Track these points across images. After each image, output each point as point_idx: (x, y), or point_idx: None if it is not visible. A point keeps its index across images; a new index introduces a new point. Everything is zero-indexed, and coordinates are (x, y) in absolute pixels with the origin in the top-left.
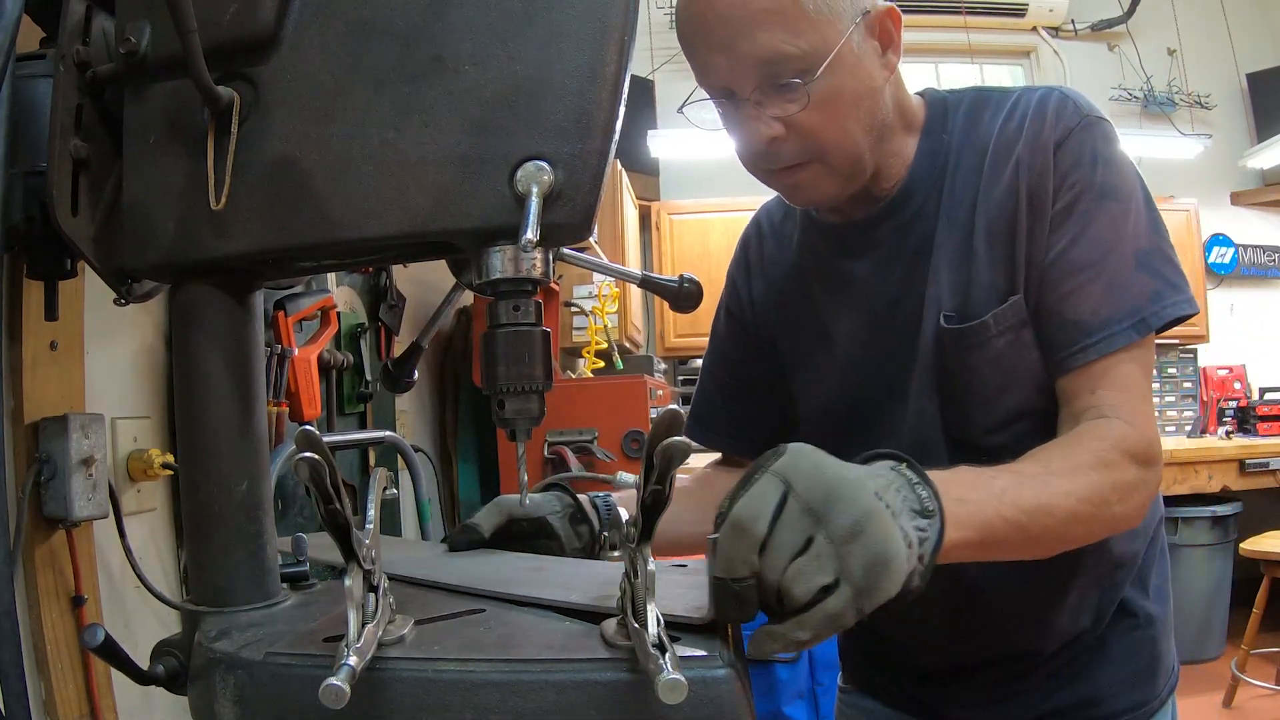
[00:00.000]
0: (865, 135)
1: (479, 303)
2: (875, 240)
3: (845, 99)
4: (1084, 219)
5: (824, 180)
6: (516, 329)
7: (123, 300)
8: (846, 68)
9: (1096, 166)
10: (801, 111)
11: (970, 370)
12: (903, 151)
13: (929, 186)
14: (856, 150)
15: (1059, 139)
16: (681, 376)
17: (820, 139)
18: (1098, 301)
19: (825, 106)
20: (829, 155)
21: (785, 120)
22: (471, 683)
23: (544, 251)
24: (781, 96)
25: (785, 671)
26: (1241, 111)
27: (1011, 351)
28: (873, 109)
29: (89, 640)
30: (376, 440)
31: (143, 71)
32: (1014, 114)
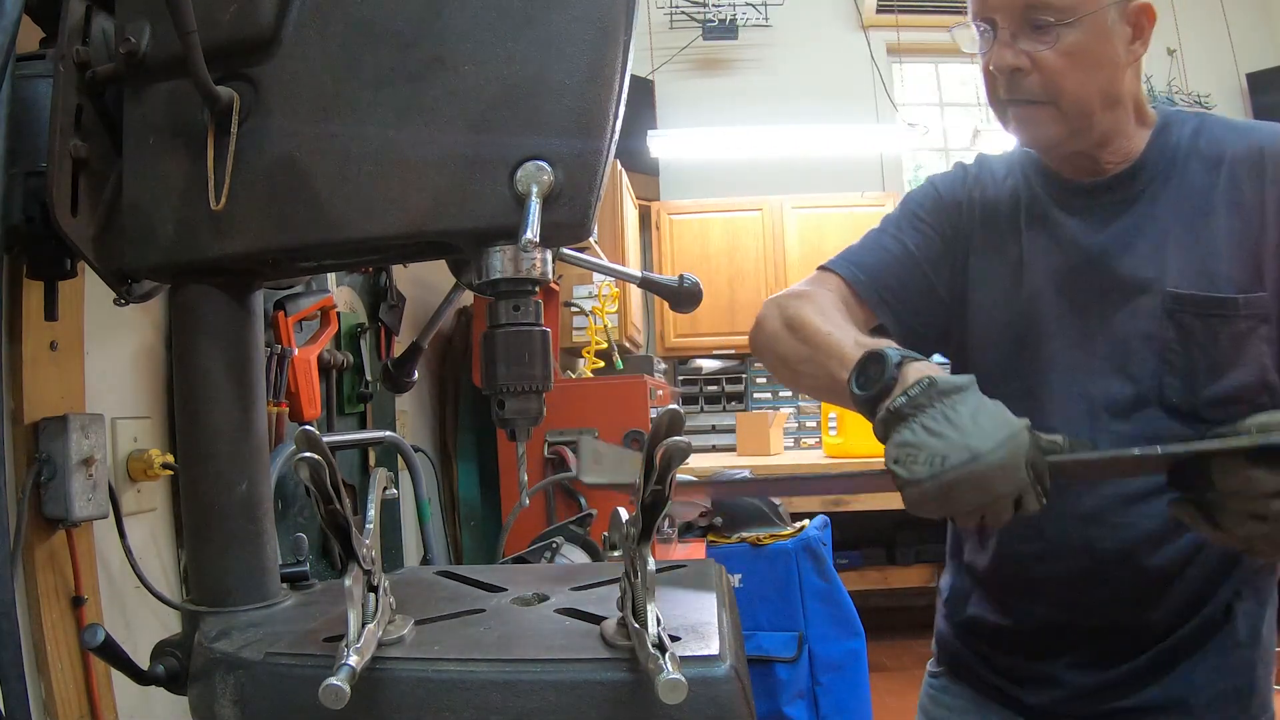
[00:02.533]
0: (1099, 97)
1: (479, 303)
2: (1095, 205)
3: (1089, 57)
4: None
5: (1053, 124)
6: (516, 329)
7: (123, 300)
8: (1097, 32)
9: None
10: (1049, 52)
11: (1213, 339)
12: (1133, 137)
13: (1156, 177)
14: (1089, 105)
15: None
16: (681, 376)
17: (1060, 82)
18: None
19: (1071, 56)
20: (1063, 100)
21: (1033, 56)
22: (471, 683)
23: (544, 251)
24: (1035, 36)
25: (785, 671)
26: (1241, 111)
27: (1253, 335)
28: (1112, 78)
29: (89, 640)
30: (376, 440)
31: (143, 71)
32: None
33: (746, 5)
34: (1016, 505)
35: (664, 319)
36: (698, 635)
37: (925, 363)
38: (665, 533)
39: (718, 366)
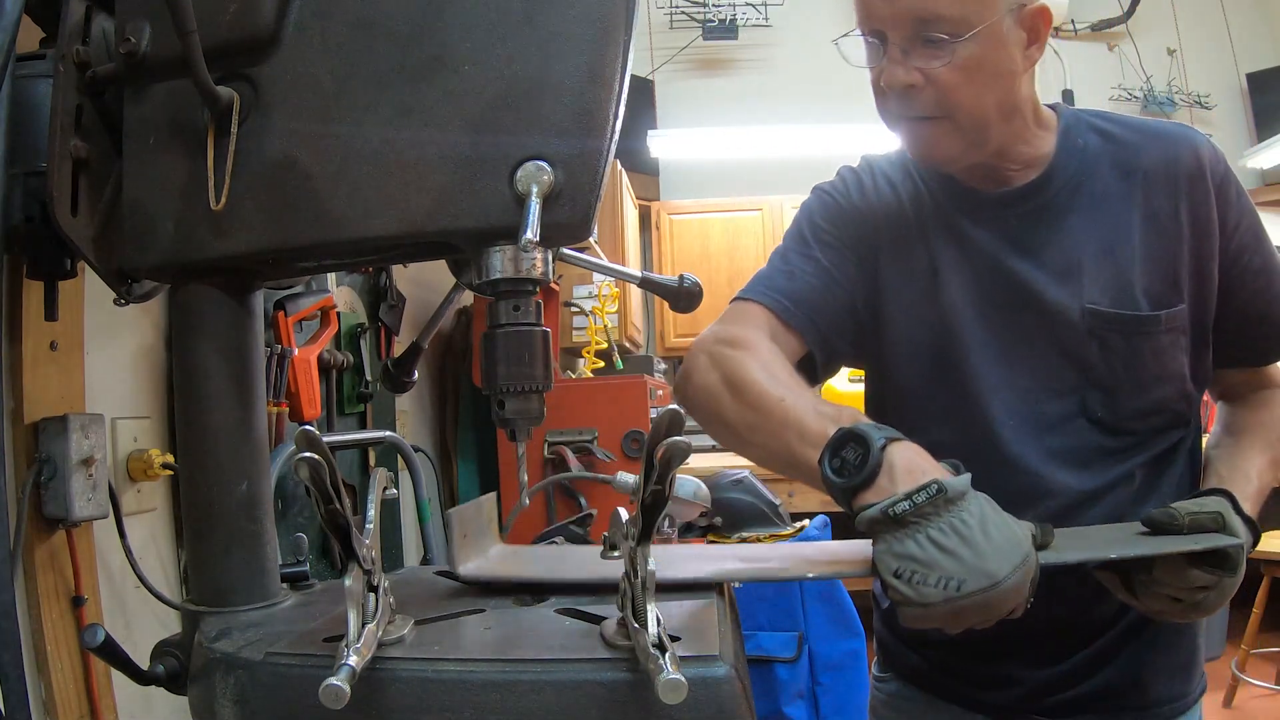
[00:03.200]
0: (996, 109)
1: (479, 303)
2: (1006, 216)
3: (985, 70)
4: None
5: (949, 139)
6: (516, 329)
7: (123, 300)
8: (993, 43)
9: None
10: (943, 68)
11: (1134, 356)
12: (1034, 143)
13: (1067, 184)
14: (985, 119)
15: (1220, 179)
16: None
17: (955, 98)
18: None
19: (965, 70)
20: (959, 115)
21: (925, 72)
22: (471, 683)
23: (544, 251)
24: (927, 50)
25: (785, 671)
26: (1241, 111)
27: (1172, 350)
28: (1008, 89)
29: (89, 640)
30: (376, 440)
31: (143, 71)
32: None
33: (746, 5)
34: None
35: (664, 319)
36: (698, 635)
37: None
38: (665, 533)
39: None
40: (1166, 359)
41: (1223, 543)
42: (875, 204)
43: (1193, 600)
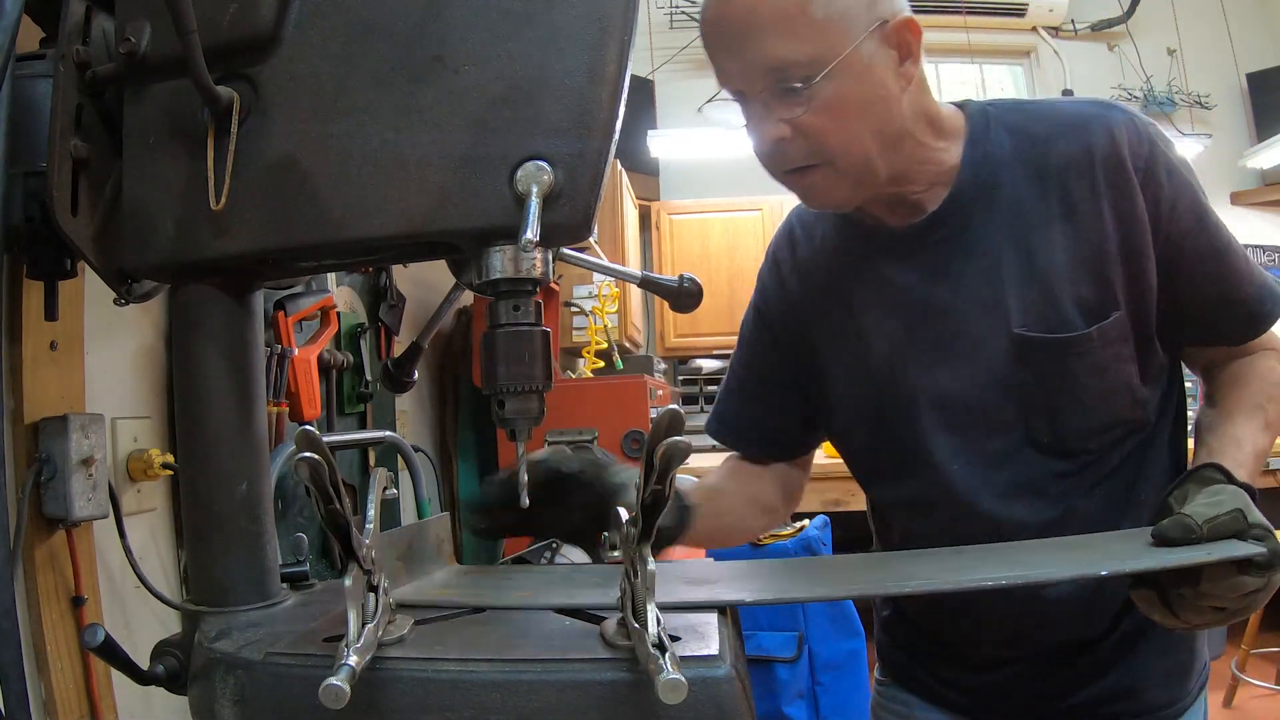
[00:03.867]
0: (874, 141)
1: (479, 303)
2: (921, 249)
3: (851, 104)
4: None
5: (833, 184)
6: (516, 329)
7: (123, 300)
8: (854, 74)
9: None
10: (806, 114)
11: (1073, 379)
12: (936, 158)
13: (978, 200)
14: (864, 155)
15: (1142, 163)
16: (681, 376)
17: (825, 141)
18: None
19: (830, 111)
20: (836, 159)
21: (791, 122)
22: (471, 683)
23: (544, 251)
24: (787, 100)
25: (785, 671)
26: (1241, 111)
27: (1115, 364)
28: (884, 116)
29: (89, 640)
30: (376, 440)
31: (143, 71)
32: (1076, 136)
33: None
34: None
35: (664, 319)
36: (698, 635)
37: None
38: None
39: (718, 366)
40: (1109, 374)
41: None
42: (801, 266)
43: (1240, 606)
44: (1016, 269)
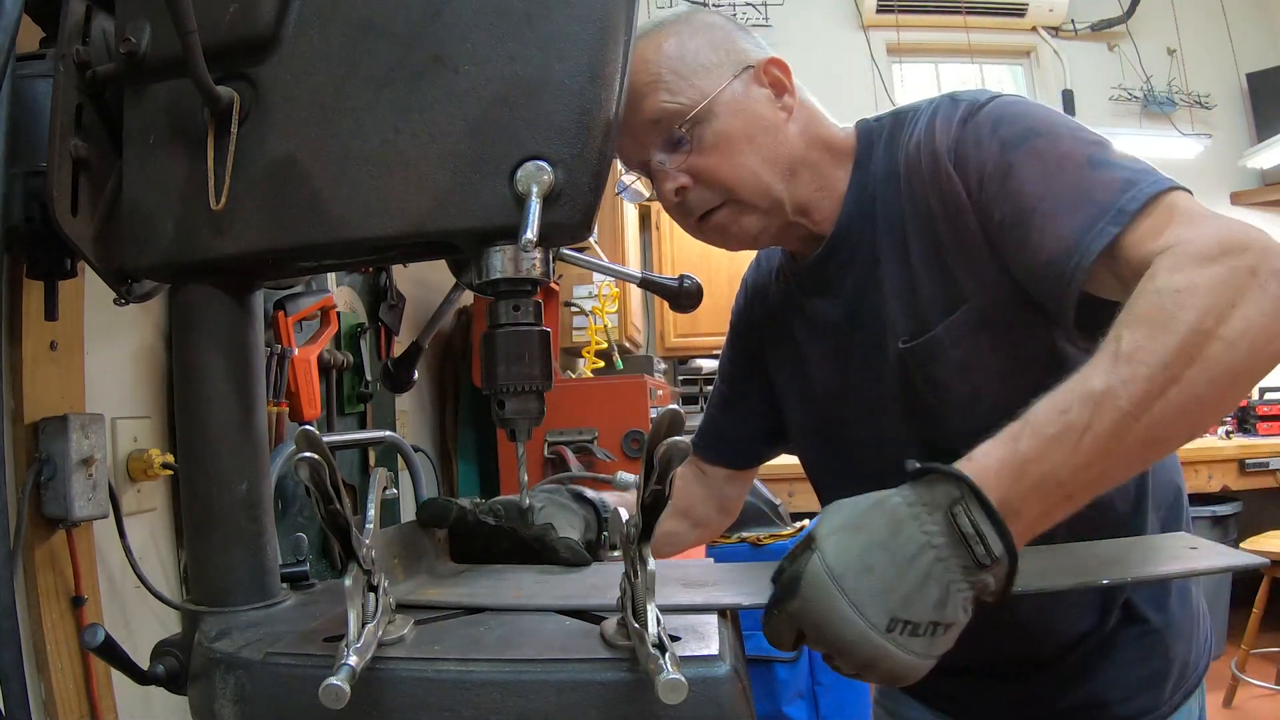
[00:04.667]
0: (768, 169)
1: (479, 303)
2: (826, 280)
3: (735, 139)
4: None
5: (742, 218)
6: (516, 329)
7: (123, 300)
8: (730, 112)
9: (999, 130)
10: (695, 157)
11: (937, 384)
12: (832, 184)
13: (863, 222)
14: (761, 183)
15: (952, 143)
16: (682, 376)
17: (719, 176)
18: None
19: (717, 149)
20: (736, 192)
21: (687, 169)
22: (471, 683)
23: (544, 251)
24: (678, 152)
25: (785, 671)
26: (1241, 111)
27: (975, 358)
28: (771, 144)
29: (89, 640)
30: (376, 440)
31: (143, 71)
32: (915, 132)
33: (746, 5)
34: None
35: (664, 319)
36: (698, 635)
37: None
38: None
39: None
40: (973, 369)
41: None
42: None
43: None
44: (893, 283)
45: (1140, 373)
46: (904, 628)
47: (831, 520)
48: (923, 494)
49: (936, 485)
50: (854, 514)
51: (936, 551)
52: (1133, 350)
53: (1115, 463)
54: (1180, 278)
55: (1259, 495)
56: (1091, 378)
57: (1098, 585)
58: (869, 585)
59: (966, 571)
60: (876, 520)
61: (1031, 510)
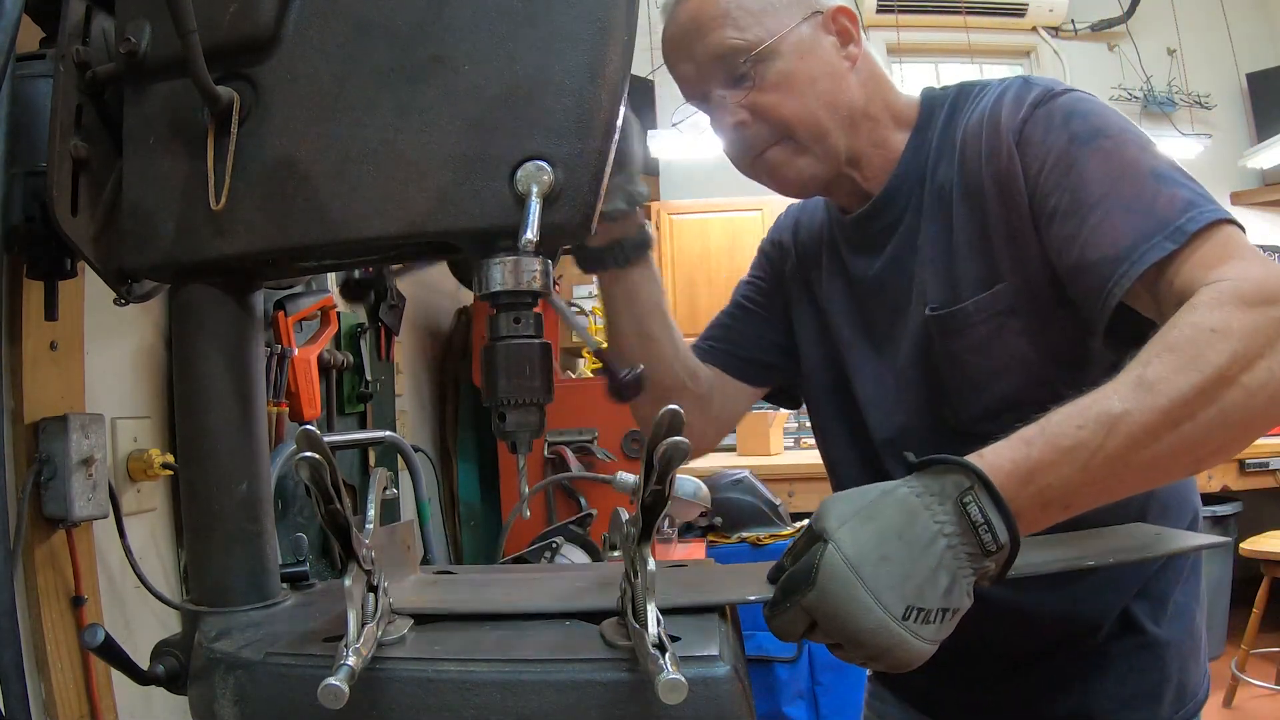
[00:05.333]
0: (828, 112)
1: (479, 303)
2: (868, 237)
3: (799, 79)
4: (1073, 168)
5: (796, 158)
6: (517, 342)
7: (123, 300)
8: (796, 53)
9: (1070, 123)
10: (758, 94)
11: (954, 357)
12: (888, 144)
13: (913, 184)
14: (819, 125)
15: (1019, 124)
16: None
17: (780, 114)
18: (1118, 229)
19: (780, 87)
20: (794, 130)
21: (748, 105)
22: (471, 683)
23: (544, 263)
24: (739, 86)
25: (785, 671)
26: (1241, 111)
27: (997, 339)
28: (834, 90)
29: (89, 640)
30: (376, 440)
31: (143, 71)
32: (981, 106)
33: None
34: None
35: None
36: (698, 635)
37: None
38: (665, 533)
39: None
40: (994, 349)
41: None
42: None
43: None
44: (932, 251)
45: (1159, 404)
46: (918, 615)
47: (838, 512)
48: (930, 484)
49: (946, 476)
50: (862, 505)
51: (948, 540)
52: (1156, 380)
53: (1117, 483)
54: (1217, 316)
55: (1259, 495)
56: (1111, 398)
57: (1083, 568)
58: (886, 574)
59: (973, 559)
60: (888, 510)
61: (1031, 514)
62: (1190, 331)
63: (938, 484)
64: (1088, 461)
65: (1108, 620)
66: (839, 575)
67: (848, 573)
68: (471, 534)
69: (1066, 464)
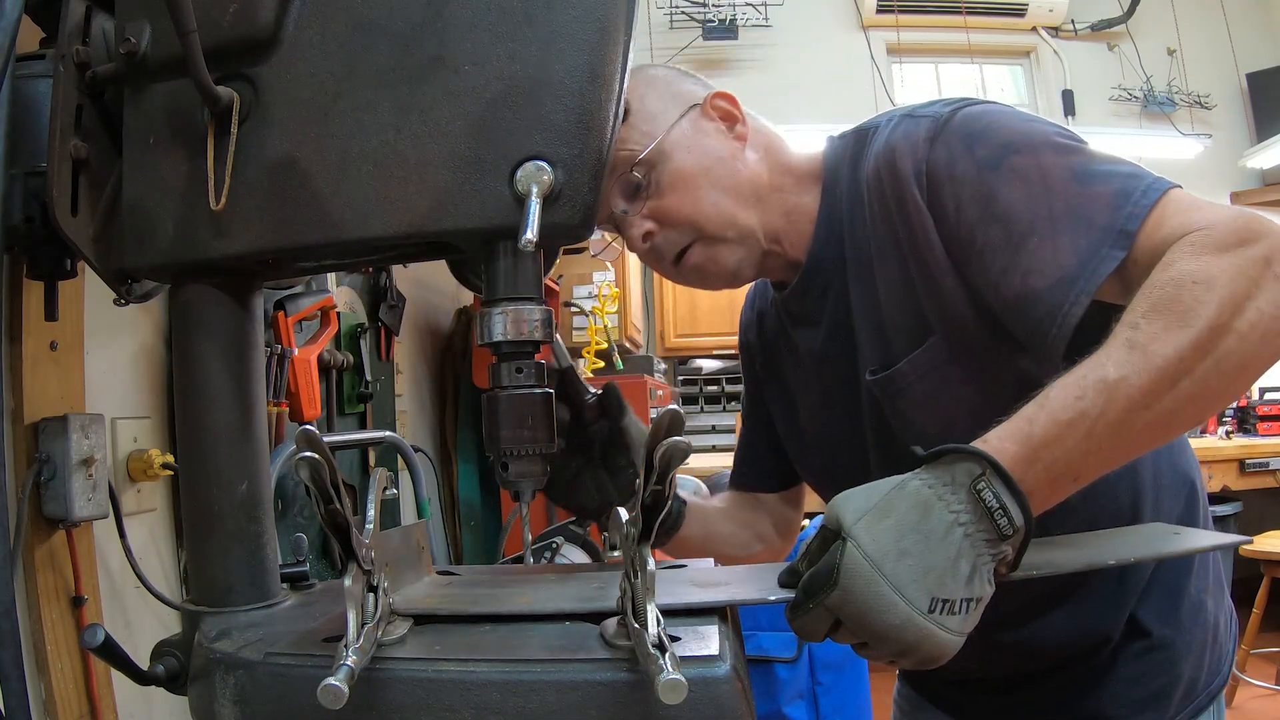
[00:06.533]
0: (730, 199)
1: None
2: (805, 310)
3: (692, 174)
4: (993, 199)
5: (717, 254)
6: (519, 392)
7: (123, 300)
8: (684, 149)
9: (973, 149)
10: (656, 199)
11: (902, 416)
12: (802, 209)
13: (834, 247)
14: (726, 213)
15: (920, 167)
16: (681, 376)
17: (684, 213)
18: (1061, 250)
19: (676, 186)
20: (703, 226)
21: (650, 214)
22: (471, 683)
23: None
24: (638, 198)
25: (785, 671)
26: (1241, 111)
27: (942, 393)
28: (730, 173)
29: (89, 640)
30: (376, 440)
31: (143, 71)
32: (874, 151)
33: (746, 5)
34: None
35: (664, 319)
36: (698, 635)
37: None
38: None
39: (718, 366)
40: (941, 403)
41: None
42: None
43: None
44: (865, 312)
45: (1155, 364)
46: (943, 606)
47: (853, 509)
48: (941, 475)
49: (956, 464)
50: (874, 500)
51: (964, 528)
52: (1149, 340)
53: (1122, 447)
54: (1196, 267)
55: (1259, 495)
56: (1105, 365)
57: (1105, 566)
58: (908, 568)
59: (990, 544)
60: (902, 504)
61: (1041, 492)
62: (1173, 289)
63: (949, 473)
64: (1090, 430)
65: (1116, 631)
66: (861, 573)
67: (870, 570)
68: (471, 534)
69: (1070, 436)
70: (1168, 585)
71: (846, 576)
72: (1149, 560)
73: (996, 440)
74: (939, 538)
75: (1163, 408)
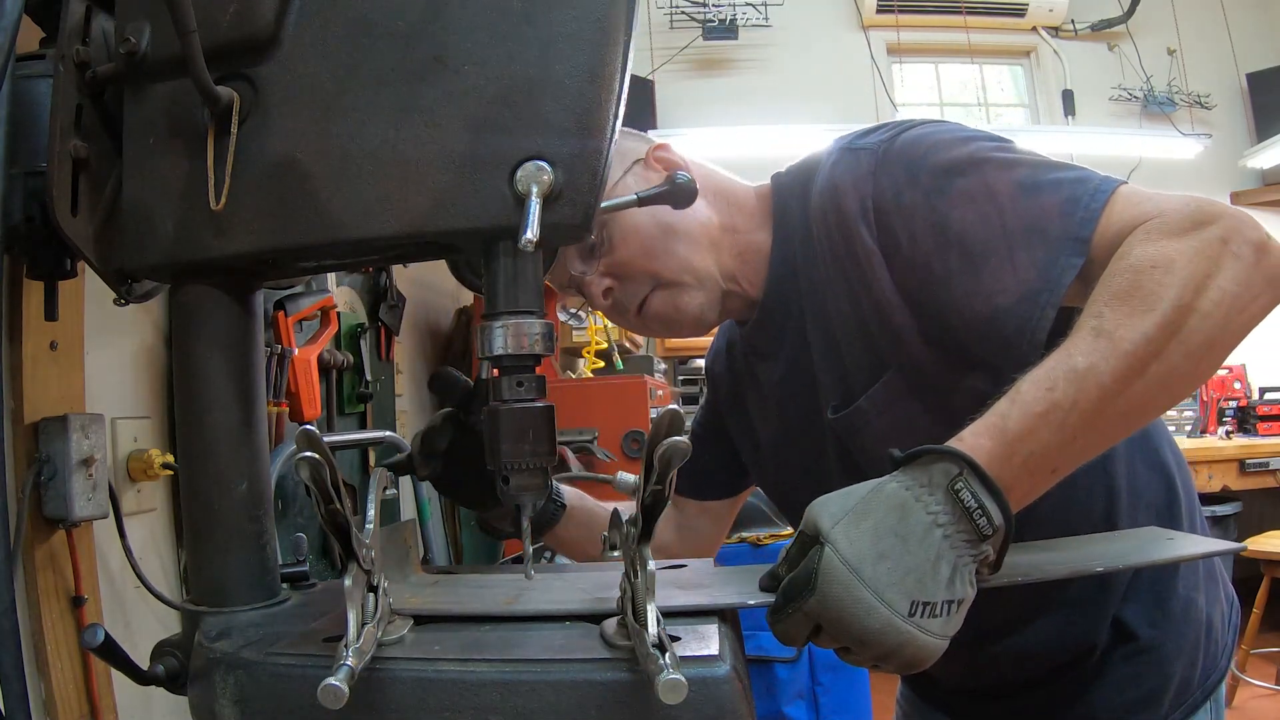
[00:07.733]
0: (685, 244)
1: (479, 303)
2: (765, 345)
3: (644, 227)
4: (945, 226)
5: (677, 300)
6: (520, 406)
7: (123, 300)
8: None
9: (917, 177)
10: (610, 256)
11: (867, 452)
12: (755, 247)
13: (789, 282)
14: (680, 260)
15: (867, 202)
16: (682, 376)
17: (639, 264)
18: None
19: (629, 240)
20: (660, 274)
21: (607, 271)
22: (471, 683)
23: (545, 325)
24: (593, 257)
25: (785, 671)
26: (1241, 111)
27: (902, 425)
28: (681, 221)
29: (89, 640)
30: (376, 440)
31: (143, 71)
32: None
33: (746, 5)
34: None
35: None
36: (698, 635)
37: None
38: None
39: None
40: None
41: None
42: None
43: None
44: (822, 350)
45: (1122, 349)
46: (924, 609)
47: (830, 513)
48: (919, 476)
49: (933, 465)
50: (852, 503)
51: (943, 529)
52: (1114, 327)
53: (1098, 436)
54: (1155, 251)
55: (1259, 495)
56: (1074, 355)
57: (1091, 572)
58: (886, 571)
59: (970, 545)
60: (879, 506)
61: (1021, 486)
62: (1133, 275)
63: (926, 474)
64: (1064, 421)
65: (1101, 636)
66: (839, 578)
67: (848, 574)
68: (471, 534)
69: (1044, 429)
70: (1154, 586)
71: (824, 581)
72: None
73: (972, 437)
74: (917, 540)
75: (1134, 392)
